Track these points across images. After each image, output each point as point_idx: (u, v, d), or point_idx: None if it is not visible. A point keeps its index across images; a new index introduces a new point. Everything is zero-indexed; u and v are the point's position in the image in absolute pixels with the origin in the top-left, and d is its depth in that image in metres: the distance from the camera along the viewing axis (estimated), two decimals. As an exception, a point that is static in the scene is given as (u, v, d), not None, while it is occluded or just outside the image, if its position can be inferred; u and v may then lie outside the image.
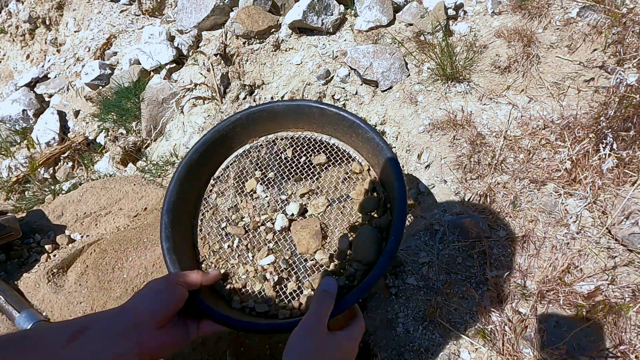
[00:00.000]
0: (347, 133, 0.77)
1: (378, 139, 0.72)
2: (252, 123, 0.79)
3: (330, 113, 0.76)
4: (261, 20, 1.73)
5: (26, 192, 1.80)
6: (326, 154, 0.80)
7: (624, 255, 0.92)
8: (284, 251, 0.72)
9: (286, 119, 0.80)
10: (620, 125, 1.06)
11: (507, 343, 0.83)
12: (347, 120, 0.75)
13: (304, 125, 0.82)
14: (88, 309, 0.98)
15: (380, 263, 0.59)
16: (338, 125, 0.77)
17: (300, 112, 0.79)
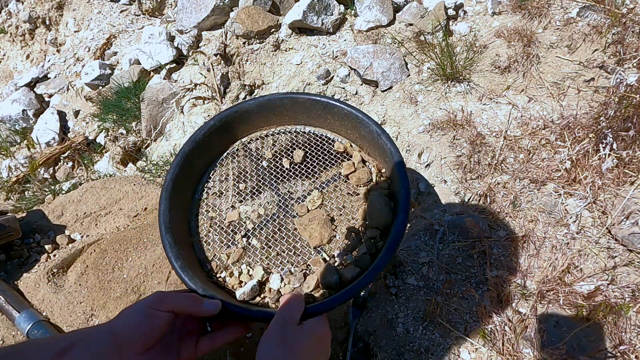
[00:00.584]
0: (322, 116, 0.79)
1: (356, 112, 0.73)
2: (227, 127, 0.79)
3: (302, 100, 0.77)
4: (261, 20, 1.72)
5: (26, 192, 1.80)
6: (304, 147, 0.80)
7: (624, 255, 0.92)
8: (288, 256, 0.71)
9: (258, 117, 0.80)
10: (620, 125, 1.06)
11: (507, 343, 0.83)
12: (320, 103, 0.76)
13: (276, 121, 0.82)
14: (88, 308, 0.98)
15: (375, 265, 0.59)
16: (311, 111, 0.78)
17: (271, 107, 0.79)
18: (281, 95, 0.79)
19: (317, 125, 0.83)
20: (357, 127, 0.76)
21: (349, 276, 0.64)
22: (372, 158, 0.79)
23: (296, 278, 0.66)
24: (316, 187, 0.77)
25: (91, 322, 0.96)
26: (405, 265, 1.02)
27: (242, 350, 0.92)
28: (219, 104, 1.69)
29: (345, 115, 0.76)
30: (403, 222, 0.61)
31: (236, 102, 1.70)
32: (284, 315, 0.53)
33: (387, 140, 0.70)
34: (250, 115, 0.80)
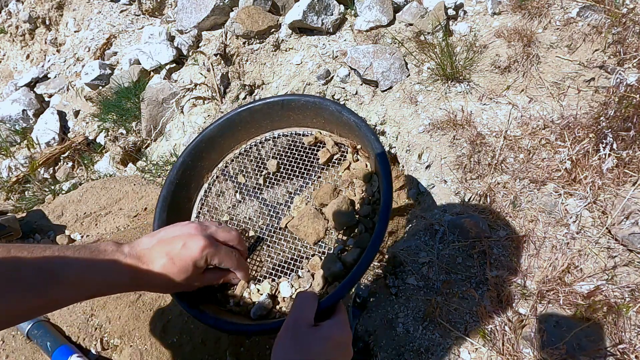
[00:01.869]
0: (284, 116, 0.79)
1: (312, 99, 0.74)
2: (198, 159, 0.77)
3: (258, 107, 0.77)
4: (261, 20, 1.73)
5: (26, 192, 1.80)
6: (277, 153, 0.80)
7: (624, 255, 0.92)
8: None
9: (224, 139, 0.80)
10: (620, 125, 1.06)
11: (507, 343, 0.83)
12: (276, 104, 0.77)
13: (243, 136, 0.82)
14: (88, 308, 0.98)
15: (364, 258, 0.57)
16: (271, 115, 0.78)
17: (232, 125, 0.79)
18: (237, 110, 0.78)
19: (283, 126, 0.82)
20: (319, 112, 0.75)
21: (351, 259, 0.63)
22: (345, 137, 0.78)
23: (304, 279, 0.65)
24: (296, 192, 0.77)
25: (91, 322, 0.96)
26: (405, 265, 1.02)
27: (242, 350, 0.92)
28: (219, 104, 1.69)
29: (303, 106, 0.76)
30: (388, 187, 0.60)
31: (236, 102, 1.70)
32: (295, 316, 0.50)
33: (350, 114, 0.70)
34: (216, 140, 0.79)
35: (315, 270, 0.65)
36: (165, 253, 0.53)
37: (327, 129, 0.80)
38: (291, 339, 0.47)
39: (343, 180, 0.73)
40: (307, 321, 0.49)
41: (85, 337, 0.94)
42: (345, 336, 0.51)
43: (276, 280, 0.66)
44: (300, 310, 0.51)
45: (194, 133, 1.66)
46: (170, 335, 0.94)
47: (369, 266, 0.56)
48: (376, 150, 0.64)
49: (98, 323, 0.96)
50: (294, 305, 0.52)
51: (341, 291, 0.55)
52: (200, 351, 0.93)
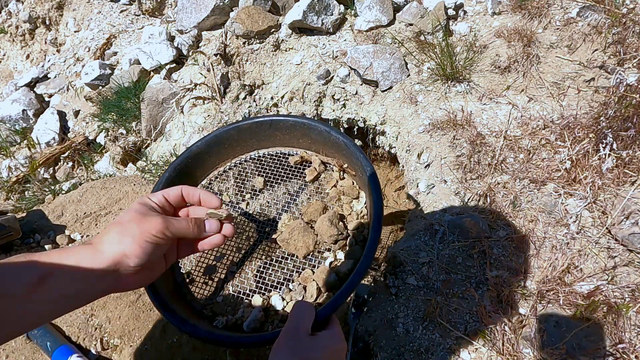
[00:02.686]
0: (270, 135, 0.80)
1: (301, 120, 0.75)
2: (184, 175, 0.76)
3: (247, 126, 0.77)
4: (261, 20, 1.72)
5: (26, 192, 1.80)
6: (262, 171, 0.81)
7: (624, 255, 0.92)
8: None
9: (210, 155, 0.79)
10: (620, 125, 1.06)
11: (507, 343, 0.83)
12: (264, 123, 0.77)
13: (229, 154, 0.82)
14: (88, 308, 0.98)
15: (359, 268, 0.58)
16: (258, 134, 0.79)
17: (219, 142, 0.79)
18: (226, 127, 0.78)
19: (269, 146, 0.83)
20: (307, 133, 0.77)
21: (345, 270, 0.64)
22: (331, 157, 0.79)
23: (296, 292, 0.66)
24: (284, 209, 0.77)
25: (91, 322, 0.96)
26: (405, 265, 1.02)
27: (242, 350, 0.92)
28: (219, 104, 1.69)
29: (292, 126, 0.77)
30: (378, 201, 0.62)
31: (236, 102, 1.70)
32: (294, 324, 0.50)
33: (338, 134, 0.71)
34: (203, 157, 0.79)
35: (307, 283, 0.66)
36: (118, 223, 0.49)
37: (312, 149, 0.81)
38: (289, 347, 0.47)
39: (331, 197, 0.75)
40: (305, 330, 0.49)
41: (85, 337, 0.94)
42: (341, 347, 0.51)
43: (267, 295, 0.67)
44: (299, 318, 0.50)
45: (194, 133, 1.66)
46: (170, 335, 0.94)
47: (363, 277, 0.57)
48: (365, 168, 0.66)
49: (98, 323, 0.96)
50: (292, 313, 0.52)
51: (337, 300, 0.56)
52: (200, 351, 0.93)
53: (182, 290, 0.69)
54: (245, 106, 1.69)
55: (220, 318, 0.64)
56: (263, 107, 1.71)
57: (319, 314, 0.53)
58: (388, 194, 2.10)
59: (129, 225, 0.48)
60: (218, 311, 0.66)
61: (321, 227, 0.69)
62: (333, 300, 0.56)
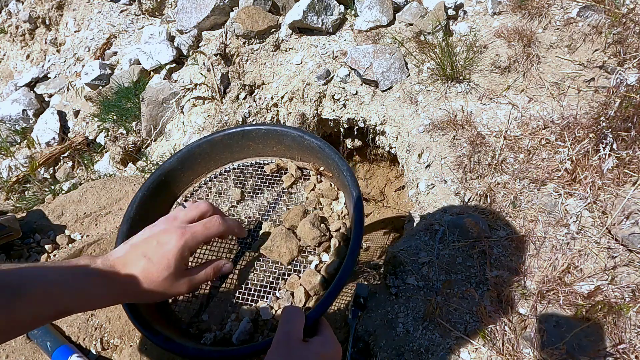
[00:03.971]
0: (244, 146, 0.79)
1: (273, 127, 0.75)
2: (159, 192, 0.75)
3: (219, 138, 0.76)
4: (261, 20, 1.73)
5: (26, 192, 1.80)
6: (238, 185, 0.80)
7: (624, 255, 0.92)
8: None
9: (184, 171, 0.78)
10: (620, 125, 1.06)
11: (507, 343, 0.83)
12: (237, 134, 0.77)
13: (202, 169, 0.81)
14: (88, 309, 0.97)
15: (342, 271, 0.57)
16: (231, 146, 0.79)
17: (192, 157, 0.78)
18: (197, 142, 0.77)
19: (243, 157, 0.82)
20: (280, 140, 0.76)
21: (332, 270, 0.63)
22: (307, 161, 0.79)
23: (284, 299, 0.65)
24: (263, 217, 0.76)
25: (91, 322, 0.96)
26: (405, 265, 1.02)
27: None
28: (219, 104, 1.69)
29: (264, 135, 0.76)
30: (359, 198, 0.62)
31: (236, 102, 1.70)
32: (284, 331, 0.48)
33: (312, 137, 0.71)
34: (176, 173, 0.77)
35: (294, 288, 0.65)
36: (141, 254, 0.49)
37: (288, 156, 0.80)
38: (282, 356, 0.46)
39: (310, 201, 0.74)
40: (297, 336, 0.48)
41: (85, 337, 0.94)
42: (335, 351, 0.50)
43: (254, 305, 0.66)
44: (289, 324, 0.49)
45: (194, 133, 1.66)
46: (170, 335, 0.94)
47: (350, 273, 0.56)
48: (342, 167, 0.66)
49: (98, 323, 0.96)
50: (283, 320, 0.50)
51: (326, 302, 0.55)
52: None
53: (166, 310, 0.67)
54: (245, 106, 1.69)
55: (207, 334, 0.63)
56: (263, 107, 1.71)
57: (309, 318, 0.52)
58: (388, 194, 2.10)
59: (161, 285, 0.50)
60: (204, 328, 0.64)
61: (303, 231, 0.68)
62: (322, 302, 0.55)
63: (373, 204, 2.14)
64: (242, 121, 1.67)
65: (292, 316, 0.50)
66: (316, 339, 0.50)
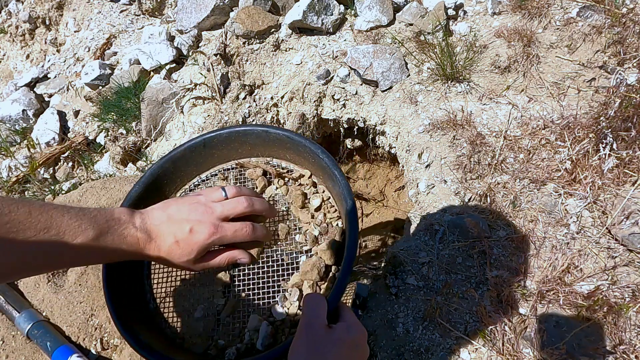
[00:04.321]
0: (209, 155, 0.77)
1: (250, 129, 0.73)
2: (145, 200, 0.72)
3: (179, 155, 0.73)
4: (261, 20, 1.73)
5: (26, 192, 1.80)
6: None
7: (624, 255, 0.92)
8: None
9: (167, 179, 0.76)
10: (620, 125, 1.06)
11: (507, 343, 0.83)
12: (197, 145, 0.74)
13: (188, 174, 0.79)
14: (88, 308, 0.98)
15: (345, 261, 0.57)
16: (195, 157, 0.76)
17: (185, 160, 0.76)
18: (159, 162, 0.73)
19: (209, 167, 0.80)
20: (244, 140, 0.75)
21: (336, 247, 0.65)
22: (276, 157, 0.78)
23: (294, 297, 0.66)
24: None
25: (91, 322, 0.96)
26: (405, 265, 1.02)
27: None
28: (219, 104, 1.69)
29: (226, 139, 0.75)
30: (346, 186, 0.62)
31: (236, 102, 1.70)
32: (308, 318, 0.49)
33: (277, 130, 0.70)
34: (143, 202, 0.73)
35: (302, 283, 0.65)
36: (172, 234, 0.53)
37: (254, 155, 0.78)
38: (307, 344, 0.46)
39: (294, 196, 0.73)
40: (321, 322, 0.48)
41: (85, 337, 0.94)
42: (360, 336, 0.50)
43: (264, 311, 0.65)
44: (312, 311, 0.49)
45: (194, 133, 1.66)
46: (170, 335, 0.94)
47: (356, 250, 0.57)
48: (316, 151, 0.66)
49: (98, 323, 0.96)
50: (305, 307, 0.51)
51: (343, 281, 0.55)
52: None
53: (175, 343, 0.66)
54: (245, 106, 1.69)
55: (229, 350, 0.62)
56: (263, 107, 1.71)
57: (330, 302, 0.52)
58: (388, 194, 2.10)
59: (177, 264, 0.55)
60: (223, 346, 0.64)
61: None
62: (337, 285, 0.55)
63: (373, 204, 2.14)
64: (242, 121, 1.67)
65: (313, 303, 0.51)
66: (340, 324, 0.50)
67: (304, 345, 0.46)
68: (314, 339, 0.46)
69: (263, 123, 1.63)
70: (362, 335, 0.51)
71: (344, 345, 0.47)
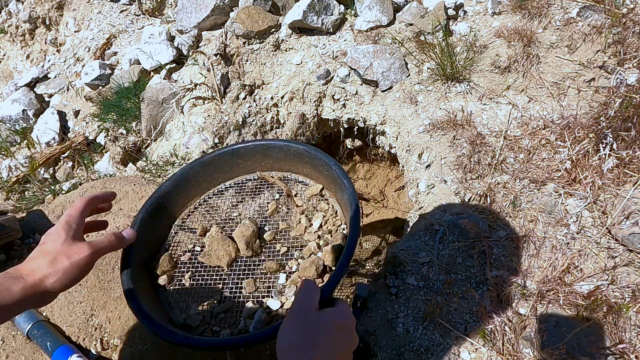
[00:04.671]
0: (235, 164, 0.84)
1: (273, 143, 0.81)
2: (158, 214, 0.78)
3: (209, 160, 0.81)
4: (261, 20, 1.72)
5: (26, 192, 1.80)
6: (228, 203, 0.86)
7: (624, 255, 0.92)
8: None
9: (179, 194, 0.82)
10: (620, 125, 1.06)
11: (507, 343, 0.83)
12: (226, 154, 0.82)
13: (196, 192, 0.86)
14: (88, 308, 0.98)
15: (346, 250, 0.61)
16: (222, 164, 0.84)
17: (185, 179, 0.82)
18: (190, 164, 0.81)
19: (234, 176, 0.87)
20: (267, 153, 0.82)
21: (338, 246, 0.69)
22: (292, 170, 0.85)
23: (290, 292, 0.68)
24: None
25: (91, 322, 0.96)
26: (405, 265, 1.02)
27: (242, 350, 0.92)
28: (219, 104, 1.69)
29: (252, 151, 0.82)
30: (353, 193, 0.67)
31: (236, 102, 1.70)
32: (301, 300, 0.50)
33: (296, 144, 0.78)
34: (172, 196, 0.81)
35: (299, 281, 0.68)
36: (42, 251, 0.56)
37: (275, 168, 0.85)
38: (298, 324, 0.47)
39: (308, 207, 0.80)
40: (314, 305, 0.49)
41: (85, 337, 0.94)
42: (350, 321, 0.51)
43: (260, 299, 0.69)
44: (306, 294, 0.51)
45: (194, 133, 1.66)
46: (170, 335, 0.94)
47: (355, 249, 0.61)
48: (329, 163, 0.72)
49: (98, 323, 0.96)
50: (300, 290, 0.52)
51: (340, 271, 0.58)
52: (200, 351, 0.93)
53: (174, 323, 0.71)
54: (245, 106, 1.69)
55: (224, 331, 0.66)
56: (263, 107, 1.71)
57: (324, 290, 0.54)
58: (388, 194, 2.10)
59: (60, 258, 0.55)
60: (217, 331, 0.68)
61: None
62: (334, 275, 0.58)
63: (373, 204, 2.14)
64: (242, 121, 1.67)
65: (308, 288, 0.52)
66: (331, 309, 0.51)
67: (295, 326, 0.47)
68: (306, 320, 0.47)
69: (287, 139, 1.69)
70: (352, 322, 0.51)
71: (334, 328, 0.47)
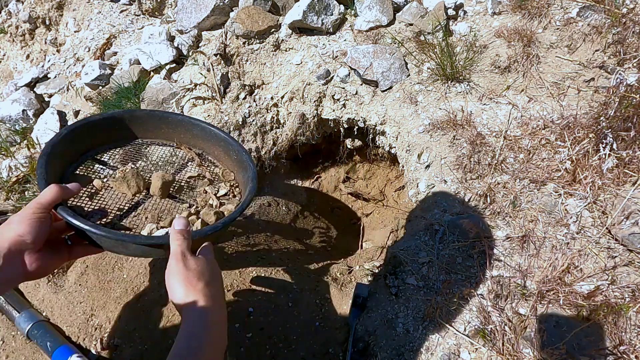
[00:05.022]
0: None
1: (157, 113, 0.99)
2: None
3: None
4: (261, 20, 1.72)
5: (26, 192, 1.80)
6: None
7: (624, 255, 0.92)
8: None
9: None
10: (620, 125, 1.06)
11: (507, 343, 0.83)
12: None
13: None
14: (88, 308, 0.98)
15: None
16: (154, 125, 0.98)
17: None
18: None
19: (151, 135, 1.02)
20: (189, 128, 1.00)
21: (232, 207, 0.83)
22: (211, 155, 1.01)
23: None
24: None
25: (91, 322, 0.96)
26: (405, 265, 1.02)
27: (242, 350, 0.92)
28: (219, 104, 1.69)
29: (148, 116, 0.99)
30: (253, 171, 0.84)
31: (236, 102, 1.70)
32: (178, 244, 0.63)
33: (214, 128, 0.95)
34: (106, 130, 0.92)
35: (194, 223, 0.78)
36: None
37: (191, 145, 1.02)
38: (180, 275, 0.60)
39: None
40: (187, 253, 0.63)
41: (85, 337, 0.94)
42: (217, 271, 0.66)
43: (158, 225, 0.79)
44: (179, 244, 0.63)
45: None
46: (170, 335, 0.94)
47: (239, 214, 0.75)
48: (241, 151, 0.90)
49: (98, 323, 0.96)
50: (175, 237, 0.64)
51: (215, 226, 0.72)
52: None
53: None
54: (245, 106, 1.69)
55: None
56: (263, 107, 1.71)
57: (194, 235, 0.67)
58: (388, 194, 2.09)
59: (13, 218, 0.62)
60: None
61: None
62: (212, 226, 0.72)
63: (373, 204, 2.14)
64: (242, 121, 1.67)
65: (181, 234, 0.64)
66: (204, 259, 0.65)
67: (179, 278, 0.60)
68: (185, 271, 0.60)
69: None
70: (219, 271, 0.67)
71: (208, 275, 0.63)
